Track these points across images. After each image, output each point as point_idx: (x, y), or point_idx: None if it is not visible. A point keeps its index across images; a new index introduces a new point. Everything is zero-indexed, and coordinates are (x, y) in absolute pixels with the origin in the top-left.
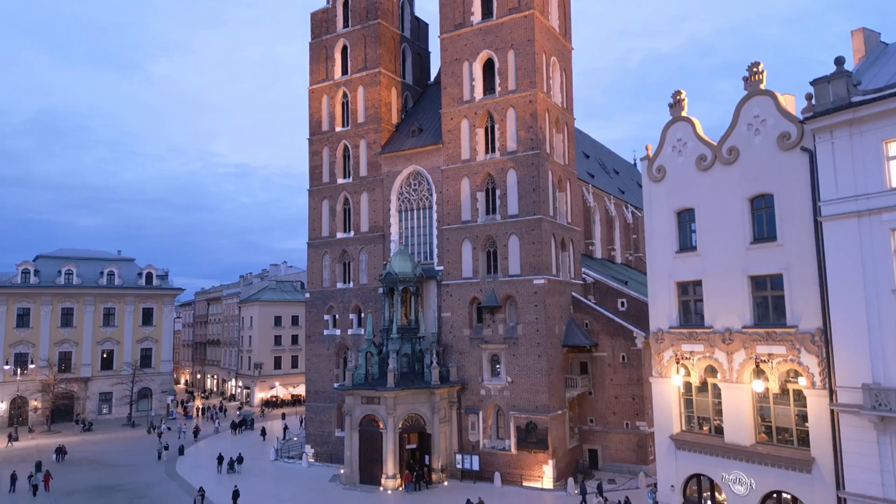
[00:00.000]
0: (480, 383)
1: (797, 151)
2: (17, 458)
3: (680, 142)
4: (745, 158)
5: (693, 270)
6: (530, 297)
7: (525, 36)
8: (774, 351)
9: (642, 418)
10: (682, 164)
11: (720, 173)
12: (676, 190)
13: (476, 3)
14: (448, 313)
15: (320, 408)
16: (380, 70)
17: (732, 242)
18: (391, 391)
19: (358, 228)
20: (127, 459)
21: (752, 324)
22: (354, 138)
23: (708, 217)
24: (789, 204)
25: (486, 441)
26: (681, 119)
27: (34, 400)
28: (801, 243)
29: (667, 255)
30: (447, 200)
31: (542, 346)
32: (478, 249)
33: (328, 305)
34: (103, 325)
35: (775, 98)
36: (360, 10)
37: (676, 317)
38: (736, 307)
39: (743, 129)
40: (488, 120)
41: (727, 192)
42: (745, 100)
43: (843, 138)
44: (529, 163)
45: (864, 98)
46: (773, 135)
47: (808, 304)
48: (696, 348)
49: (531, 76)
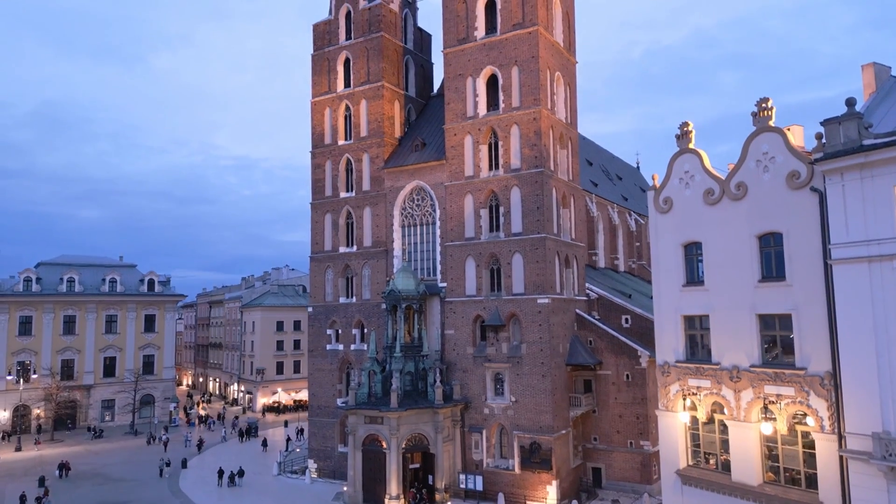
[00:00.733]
0: (484, 402)
1: (807, 191)
2: (21, 471)
3: (687, 174)
4: (753, 195)
5: (700, 305)
6: (534, 317)
7: (529, 52)
8: (783, 392)
9: (646, 437)
10: (690, 196)
11: (728, 209)
12: (683, 223)
13: (480, 18)
14: (451, 331)
15: (323, 423)
16: (383, 84)
17: (740, 279)
18: (394, 412)
19: (361, 243)
20: (130, 473)
21: (761, 363)
22: (357, 152)
23: (715, 252)
24: (798, 244)
25: (490, 460)
26: (688, 151)
27: (37, 408)
28: (811, 284)
29: (673, 287)
30: (450, 217)
31: (546, 365)
32: (481, 267)
33: (331, 320)
34: (105, 332)
35: (784, 136)
36: (363, 23)
37: (683, 350)
38: (744, 345)
39: (752, 165)
40: (492, 136)
41: (735, 228)
42: (754, 136)
43: (854, 181)
44: (533, 181)
45: (876, 142)
46: (782, 173)
47: (818, 346)
48: (702, 384)
49: (535, 93)
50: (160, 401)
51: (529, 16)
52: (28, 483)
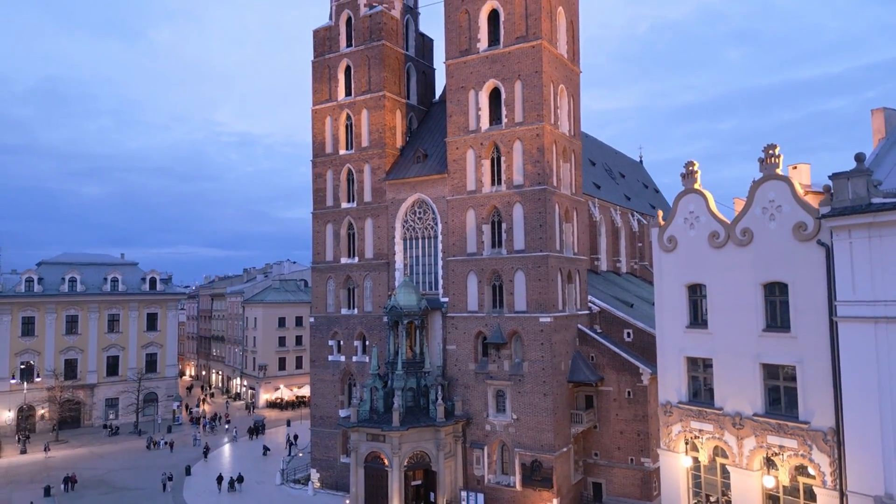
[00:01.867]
0: (486, 418)
1: (814, 244)
2: (26, 477)
3: (692, 214)
4: (759, 242)
5: (703, 348)
6: (536, 335)
7: (533, 67)
8: (786, 443)
9: (647, 455)
10: (694, 237)
11: (733, 254)
12: (688, 263)
13: (483, 30)
14: (453, 346)
15: (325, 433)
16: (384, 94)
17: (745, 326)
18: (396, 431)
19: (362, 254)
20: (134, 481)
21: (764, 412)
22: (358, 163)
23: (720, 296)
24: (804, 296)
25: (492, 476)
26: (693, 191)
27: (41, 408)
28: (816, 338)
29: (677, 327)
30: (452, 231)
31: (547, 384)
32: (483, 283)
33: (332, 331)
34: (108, 331)
35: (792, 186)
36: (364, 30)
37: (686, 392)
38: (747, 392)
39: (757, 212)
40: (494, 151)
41: (740, 274)
42: (761, 182)
43: (862, 239)
44: (536, 198)
45: (885, 202)
46: (788, 223)
47: (822, 401)
48: (705, 427)
49: (538, 109)
50: (163, 399)
51: (533, 29)
52: (34, 491)
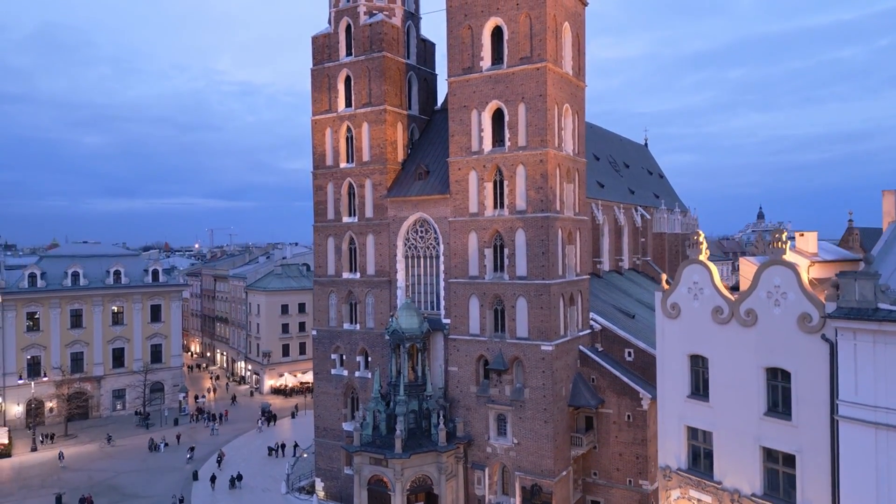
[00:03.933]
0: (487, 441)
1: (818, 337)
2: (37, 481)
3: (696, 285)
4: (762, 326)
5: (704, 420)
6: (538, 363)
7: (537, 90)
8: None
9: (645, 477)
10: (698, 308)
11: (736, 333)
12: (690, 333)
13: (486, 48)
14: (455, 368)
15: (329, 445)
16: (385, 108)
17: (746, 405)
18: (399, 458)
19: (364, 270)
20: (144, 486)
21: (762, 494)
22: (360, 177)
23: (722, 371)
24: (807, 387)
25: (492, 497)
26: (697, 262)
27: (50, 402)
28: (817, 431)
29: (678, 395)
30: (454, 252)
31: (548, 411)
32: (485, 307)
33: (335, 345)
34: (112, 323)
35: (798, 274)
36: (364, 39)
37: (685, 459)
38: (746, 472)
39: (762, 295)
40: (497, 174)
41: (743, 354)
42: (767, 265)
43: (867, 343)
44: (539, 225)
45: (892, 309)
46: (793, 312)
47: (820, 493)
48: (704, 498)
49: (542, 134)
50: (169, 390)
51: (538, 50)
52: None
